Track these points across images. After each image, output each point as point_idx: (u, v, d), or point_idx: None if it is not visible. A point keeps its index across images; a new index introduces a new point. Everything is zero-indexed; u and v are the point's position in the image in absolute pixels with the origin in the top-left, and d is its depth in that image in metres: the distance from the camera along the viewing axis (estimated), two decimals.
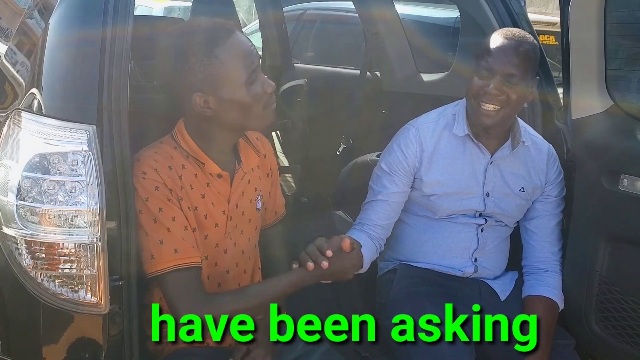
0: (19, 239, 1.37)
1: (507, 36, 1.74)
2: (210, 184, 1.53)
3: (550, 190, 1.90)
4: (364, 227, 1.91)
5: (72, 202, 1.36)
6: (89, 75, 1.41)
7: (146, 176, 1.44)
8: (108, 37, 1.42)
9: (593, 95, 1.82)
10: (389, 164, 1.88)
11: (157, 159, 1.47)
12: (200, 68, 1.39)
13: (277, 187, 1.74)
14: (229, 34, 1.42)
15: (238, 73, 1.41)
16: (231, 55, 1.41)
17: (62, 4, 1.47)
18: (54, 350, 1.43)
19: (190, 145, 1.50)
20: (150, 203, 1.44)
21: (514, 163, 1.87)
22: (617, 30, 1.78)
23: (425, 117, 1.92)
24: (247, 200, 1.61)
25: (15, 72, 1.58)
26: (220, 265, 1.59)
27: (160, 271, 1.43)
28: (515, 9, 2.17)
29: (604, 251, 1.82)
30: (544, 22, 5.31)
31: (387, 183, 1.88)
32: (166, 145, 1.51)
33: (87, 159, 1.36)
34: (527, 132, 1.89)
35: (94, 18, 1.44)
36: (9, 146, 1.42)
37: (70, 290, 1.39)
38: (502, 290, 1.92)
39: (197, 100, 1.42)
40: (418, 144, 1.86)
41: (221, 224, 1.56)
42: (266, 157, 1.68)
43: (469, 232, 1.90)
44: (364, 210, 1.93)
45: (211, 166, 1.51)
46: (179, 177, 1.48)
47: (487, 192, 1.87)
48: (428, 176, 1.86)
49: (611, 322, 1.84)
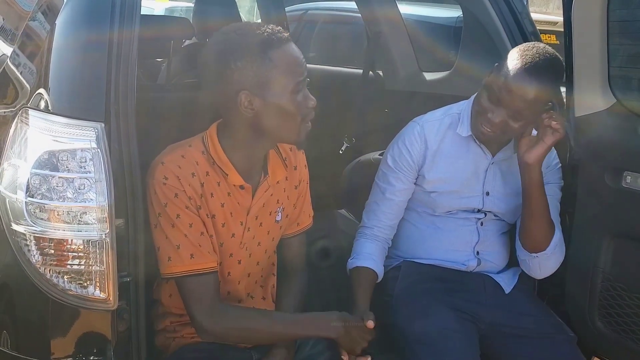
0: (28, 235, 1.38)
1: (529, 69, 1.65)
2: (231, 193, 1.53)
3: (549, 176, 1.89)
4: (374, 231, 1.91)
5: (80, 198, 1.37)
6: (97, 74, 1.42)
7: (167, 182, 1.45)
8: (115, 36, 1.43)
9: (596, 93, 1.83)
10: (395, 160, 1.90)
11: (182, 165, 1.47)
12: (253, 67, 1.40)
13: (304, 199, 1.73)
14: (285, 41, 1.44)
15: (287, 79, 1.42)
16: (284, 60, 1.42)
17: (69, 5, 1.48)
18: (63, 345, 1.45)
19: (219, 153, 1.50)
20: (169, 209, 1.45)
21: (515, 164, 1.87)
22: (620, 28, 1.79)
23: (430, 115, 1.93)
24: (267, 213, 1.61)
25: (22, 73, 1.59)
26: (233, 274, 1.60)
27: (177, 274, 1.46)
28: (518, 8, 2.18)
29: (607, 248, 1.83)
30: (545, 21, 5.33)
31: (393, 180, 1.89)
32: (194, 150, 1.50)
33: (95, 156, 1.37)
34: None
35: (101, 18, 1.45)
36: (17, 144, 1.43)
37: (79, 286, 1.40)
38: (507, 284, 1.93)
39: (243, 98, 1.42)
40: (422, 141, 1.87)
41: (238, 234, 1.56)
42: (296, 169, 1.67)
43: (469, 226, 1.92)
44: (371, 212, 1.93)
45: (235, 177, 1.51)
46: (200, 184, 1.49)
47: (486, 192, 1.89)
48: (430, 174, 1.87)
49: (614, 319, 1.85)
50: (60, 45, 1.46)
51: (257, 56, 1.40)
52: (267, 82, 1.41)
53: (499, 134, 1.75)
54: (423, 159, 1.87)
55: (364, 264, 1.86)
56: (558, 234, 1.83)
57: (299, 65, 1.45)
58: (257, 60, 1.40)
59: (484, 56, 2.35)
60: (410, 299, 1.83)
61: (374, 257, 1.87)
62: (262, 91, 1.42)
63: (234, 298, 1.63)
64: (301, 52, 1.47)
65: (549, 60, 1.69)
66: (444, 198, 1.88)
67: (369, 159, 2.87)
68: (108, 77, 1.41)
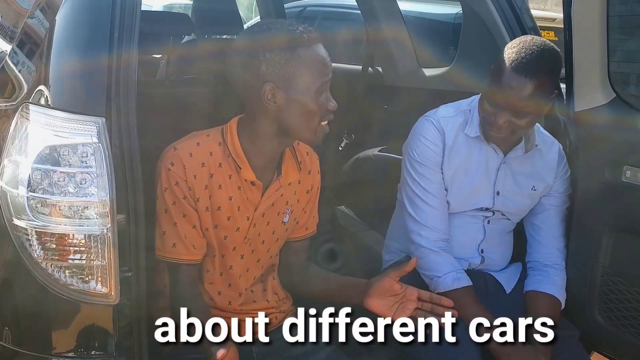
0: (30, 230, 1.38)
1: (521, 68, 1.64)
2: (241, 188, 1.54)
3: (557, 185, 1.91)
4: (444, 243, 1.84)
5: (82, 193, 1.37)
6: (98, 70, 1.42)
7: (172, 168, 1.47)
8: (116, 32, 1.43)
9: (596, 88, 1.83)
10: (422, 156, 1.82)
11: (194, 154, 1.49)
12: (281, 61, 1.42)
13: (314, 205, 1.73)
14: (314, 40, 1.46)
15: (313, 78, 1.44)
16: (312, 59, 1.44)
17: (69, 1, 1.48)
18: (64, 340, 1.45)
19: (235, 145, 1.52)
20: (167, 194, 1.49)
21: (526, 164, 1.87)
22: (621, 23, 1.79)
23: (444, 111, 1.88)
24: (275, 212, 1.62)
25: (21, 70, 1.59)
26: (234, 268, 1.61)
27: (159, 256, 1.53)
28: (517, 4, 2.18)
29: (606, 242, 1.83)
30: (543, 17, 5.34)
31: (430, 174, 1.82)
32: (211, 140, 1.53)
33: (97, 150, 1.38)
34: (539, 132, 1.89)
35: (102, 13, 1.45)
36: (18, 139, 1.43)
37: (80, 281, 1.40)
38: (508, 283, 1.93)
39: (267, 90, 1.43)
40: (442, 135, 1.83)
41: (243, 228, 1.57)
42: (310, 174, 1.68)
43: (475, 223, 1.91)
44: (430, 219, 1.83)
45: (247, 172, 1.53)
46: (209, 175, 1.50)
47: (497, 191, 1.88)
48: (446, 171, 1.85)
49: (614, 313, 1.85)
50: (61, 41, 1.46)
51: (287, 51, 1.42)
52: (293, 77, 1.43)
53: (508, 134, 1.74)
54: (443, 154, 1.84)
55: (467, 283, 1.79)
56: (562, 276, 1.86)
57: (325, 66, 1.47)
58: (286, 55, 1.42)
59: (483, 52, 2.36)
60: None
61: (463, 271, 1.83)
62: (287, 86, 1.43)
63: (234, 291, 1.63)
64: (328, 54, 1.49)
65: (538, 52, 1.66)
66: (455, 197, 1.86)
67: (368, 155, 2.88)
68: (109, 73, 1.41)
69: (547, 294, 1.83)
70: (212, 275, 1.60)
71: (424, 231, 1.84)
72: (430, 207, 1.84)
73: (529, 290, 1.86)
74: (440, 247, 1.83)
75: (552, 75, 1.69)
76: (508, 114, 1.69)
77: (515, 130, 1.73)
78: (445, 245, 1.85)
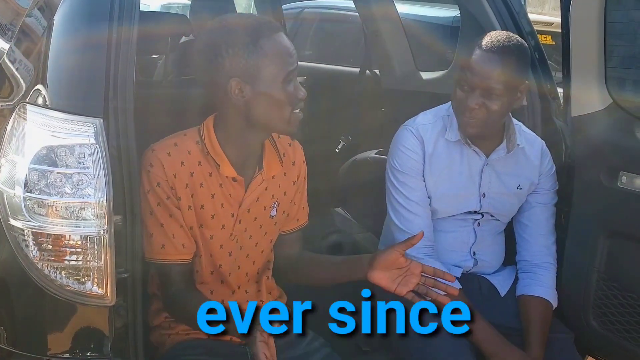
0: (26, 230, 1.38)
1: (488, 47, 1.71)
2: (223, 185, 1.54)
3: (543, 182, 1.91)
4: (429, 250, 1.84)
5: (79, 194, 1.37)
6: (96, 70, 1.42)
7: (152, 169, 1.46)
8: (114, 32, 1.43)
9: (593, 93, 1.84)
10: (404, 165, 1.84)
11: (172, 153, 1.48)
12: (244, 55, 1.40)
13: (302, 195, 1.72)
14: (275, 30, 1.45)
15: (278, 68, 1.43)
16: (275, 49, 1.43)
17: (67, 1, 1.48)
18: (59, 341, 1.45)
19: (213, 143, 1.51)
20: (150, 196, 1.48)
21: (509, 163, 1.88)
22: (618, 29, 1.80)
23: (422, 119, 1.90)
24: (261, 207, 1.61)
25: (19, 69, 1.59)
26: (224, 267, 1.60)
27: (148, 259, 1.51)
28: (515, 8, 2.19)
29: (602, 248, 1.84)
30: (541, 22, 5.35)
31: (412, 183, 1.84)
32: (188, 139, 1.52)
33: (94, 151, 1.37)
34: (521, 131, 1.89)
35: (100, 14, 1.45)
36: (15, 139, 1.43)
37: (76, 282, 1.40)
38: (502, 286, 1.93)
39: (234, 85, 1.42)
40: (421, 143, 1.84)
41: (228, 225, 1.57)
42: (294, 165, 1.67)
43: (466, 227, 1.92)
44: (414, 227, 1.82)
45: (227, 169, 1.52)
46: (190, 174, 1.49)
47: (483, 193, 1.89)
48: (428, 178, 1.85)
49: (609, 318, 1.86)
50: (59, 41, 1.46)
51: (249, 44, 1.41)
52: (257, 70, 1.42)
53: (483, 120, 1.73)
54: (423, 162, 1.85)
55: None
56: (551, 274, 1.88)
57: (289, 55, 1.45)
58: (248, 48, 1.41)
59: None
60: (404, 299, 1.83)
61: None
62: (253, 79, 1.42)
63: (227, 288, 1.63)
64: (292, 43, 1.47)
65: (505, 37, 1.74)
66: (441, 203, 1.87)
67: (365, 157, 2.88)
68: (107, 73, 1.41)
69: (537, 297, 1.84)
70: (202, 275, 1.60)
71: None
72: (414, 214, 1.85)
73: (519, 295, 1.88)
74: (425, 254, 1.83)
75: (519, 58, 1.73)
76: (478, 94, 1.70)
77: (489, 116, 1.72)
78: (430, 251, 1.85)
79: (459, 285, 1.67)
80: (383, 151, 2.82)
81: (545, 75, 2.08)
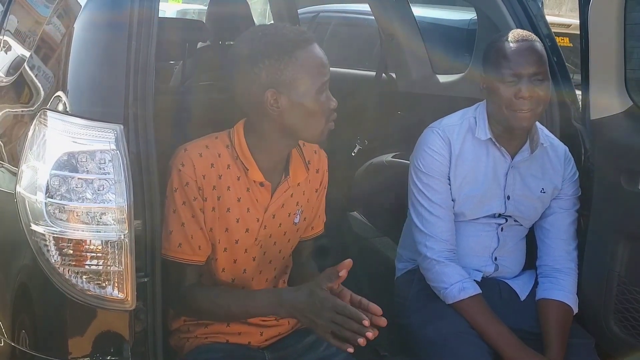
0: (48, 236, 1.39)
1: (517, 39, 1.74)
2: (250, 189, 1.55)
3: (566, 188, 1.91)
4: (451, 254, 1.83)
5: (100, 199, 1.38)
6: (116, 77, 1.44)
7: (182, 169, 1.48)
8: (133, 39, 1.44)
9: (612, 96, 1.82)
10: (428, 167, 1.83)
11: (203, 154, 1.50)
12: (280, 66, 1.42)
13: (321, 204, 1.74)
14: (310, 41, 1.47)
15: (312, 79, 1.45)
16: (310, 61, 1.45)
17: (87, 9, 1.50)
18: (80, 345, 1.46)
19: (243, 147, 1.53)
20: (177, 194, 1.49)
21: (533, 166, 1.87)
22: (637, 30, 1.78)
23: (448, 120, 1.90)
24: (285, 213, 1.62)
25: (39, 76, 1.61)
26: (248, 271, 1.61)
27: (164, 256, 1.51)
28: (532, 10, 2.18)
29: (622, 251, 1.82)
30: (558, 24, 5.31)
31: (436, 185, 1.83)
32: (219, 142, 1.54)
33: (114, 157, 1.39)
34: (544, 134, 1.89)
35: (120, 21, 1.46)
36: (36, 145, 1.45)
37: (97, 286, 1.41)
38: (522, 290, 1.92)
39: (269, 96, 1.44)
40: (447, 144, 1.84)
41: (253, 230, 1.57)
42: (318, 172, 1.68)
43: (489, 231, 1.91)
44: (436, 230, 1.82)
45: (255, 173, 1.53)
46: (218, 176, 1.51)
47: (507, 195, 1.88)
48: (454, 178, 1.85)
49: (630, 323, 1.84)
50: (79, 48, 1.48)
51: (285, 55, 1.43)
52: (293, 81, 1.43)
53: (535, 110, 1.73)
54: (449, 163, 1.84)
55: (474, 292, 1.79)
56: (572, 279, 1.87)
57: (323, 66, 1.47)
58: (285, 60, 1.42)
59: None
60: (425, 302, 1.83)
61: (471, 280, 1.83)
62: (288, 90, 1.44)
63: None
64: (324, 53, 1.49)
65: (525, 32, 1.81)
66: (467, 205, 1.86)
67: (381, 161, 2.88)
68: (127, 80, 1.42)
69: (558, 301, 1.82)
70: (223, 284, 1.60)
71: (429, 242, 1.83)
72: (436, 217, 1.84)
73: (539, 298, 1.86)
74: (446, 258, 1.82)
75: (542, 46, 1.78)
76: (527, 80, 1.71)
77: (539, 104, 1.73)
78: (451, 255, 1.84)
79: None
80: (399, 155, 2.83)
81: (564, 78, 2.07)
